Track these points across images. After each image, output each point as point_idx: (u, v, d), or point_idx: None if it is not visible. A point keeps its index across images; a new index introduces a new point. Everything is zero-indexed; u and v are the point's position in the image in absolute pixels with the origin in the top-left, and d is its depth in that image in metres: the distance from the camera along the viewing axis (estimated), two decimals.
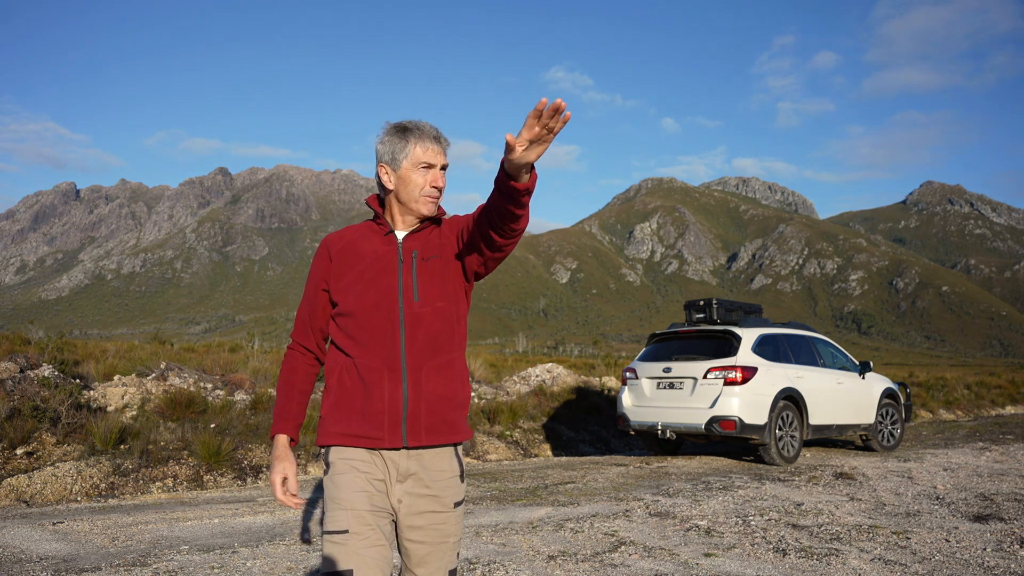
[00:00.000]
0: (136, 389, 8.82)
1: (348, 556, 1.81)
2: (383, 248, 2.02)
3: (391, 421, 1.91)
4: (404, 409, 1.91)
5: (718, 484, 6.91)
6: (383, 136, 2.04)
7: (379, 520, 1.88)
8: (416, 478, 1.94)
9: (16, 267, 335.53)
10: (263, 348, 17.81)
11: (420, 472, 1.94)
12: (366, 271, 1.99)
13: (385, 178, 2.03)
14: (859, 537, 4.81)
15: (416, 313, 1.96)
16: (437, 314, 1.99)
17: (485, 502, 6.02)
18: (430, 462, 1.96)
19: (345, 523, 1.84)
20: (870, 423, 9.63)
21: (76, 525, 5.09)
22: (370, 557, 1.82)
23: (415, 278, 1.99)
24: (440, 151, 2.02)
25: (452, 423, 1.98)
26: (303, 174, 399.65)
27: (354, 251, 2.03)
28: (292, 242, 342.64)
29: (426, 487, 1.94)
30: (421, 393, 1.93)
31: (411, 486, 1.94)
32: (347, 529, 1.84)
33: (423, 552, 1.94)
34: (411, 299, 1.96)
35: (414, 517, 1.93)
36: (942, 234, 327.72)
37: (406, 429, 1.91)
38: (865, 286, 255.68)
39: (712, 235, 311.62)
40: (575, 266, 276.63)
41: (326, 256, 2.06)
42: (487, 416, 10.40)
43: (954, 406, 19.02)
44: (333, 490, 1.91)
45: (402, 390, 1.92)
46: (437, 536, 1.94)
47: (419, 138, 2.00)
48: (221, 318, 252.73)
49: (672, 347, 9.13)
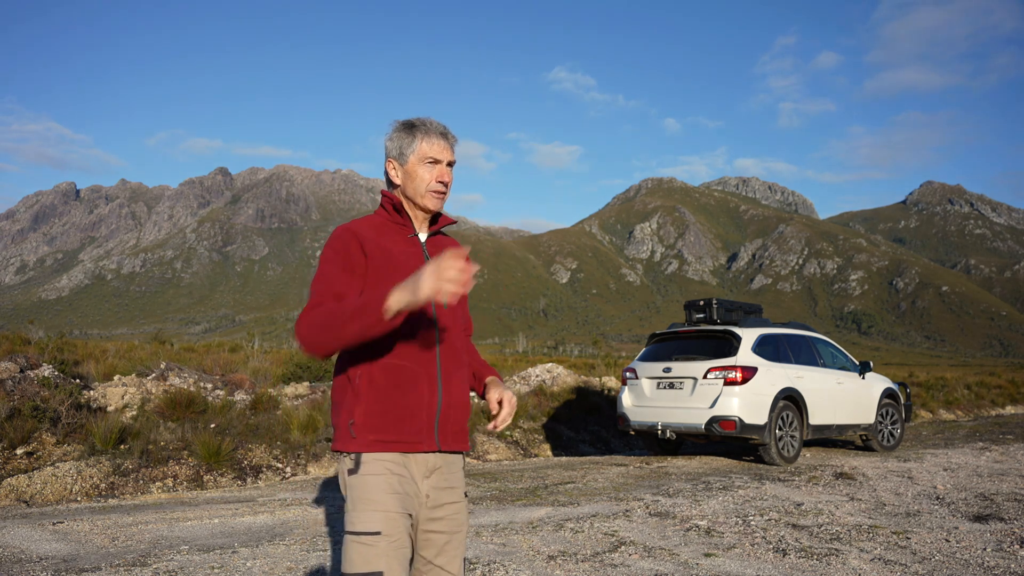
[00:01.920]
0: (136, 389, 8.82)
1: (379, 558, 1.82)
2: (411, 250, 2.03)
3: (427, 426, 1.96)
4: (438, 414, 1.98)
5: (718, 484, 6.91)
6: (391, 132, 2.07)
7: (406, 523, 1.91)
8: (440, 472, 2.02)
9: (16, 267, 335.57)
10: (263, 348, 17.81)
11: (444, 466, 2.03)
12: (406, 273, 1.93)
13: (393, 173, 2.06)
14: (859, 537, 4.81)
15: (446, 320, 2.03)
16: (457, 325, 2.07)
17: (485, 502, 6.01)
18: (450, 456, 2.06)
19: (378, 525, 1.85)
20: (870, 423, 9.63)
21: (76, 525, 5.09)
22: (398, 560, 1.85)
23: None
24: (447, 147, 2.04)
25: (466, 432, 2.09)
26: (303, 174, 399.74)
27: (388, 251, 2.01)
28: (292, 242, 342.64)
29: (446, 479, 2.03)
30: (452, 400, 2.00)
31: (436, 480, 2.01)
32: (380, 531, 1.84)
33: (443, 541, 2.00)
34: (441, 307, 2.00)
35: (437, 509, 2.00)
36: (942, 234, 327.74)
37: (438, 434, 1.98)
38: (865, 286, 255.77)
39: (712, 235, 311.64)
40: (575, 266, 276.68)
41: (359, 250, 1.96)
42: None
43: (954, 406, 19.02)
44: (364, 491, 1.90)
45: (437, 395, 1.98)
46: (455, 525, 2.02)
47: (425, 133, 2.02)
48: (221, 318, 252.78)
49: (672, 347, 9.12)
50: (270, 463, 7.66)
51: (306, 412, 8.56)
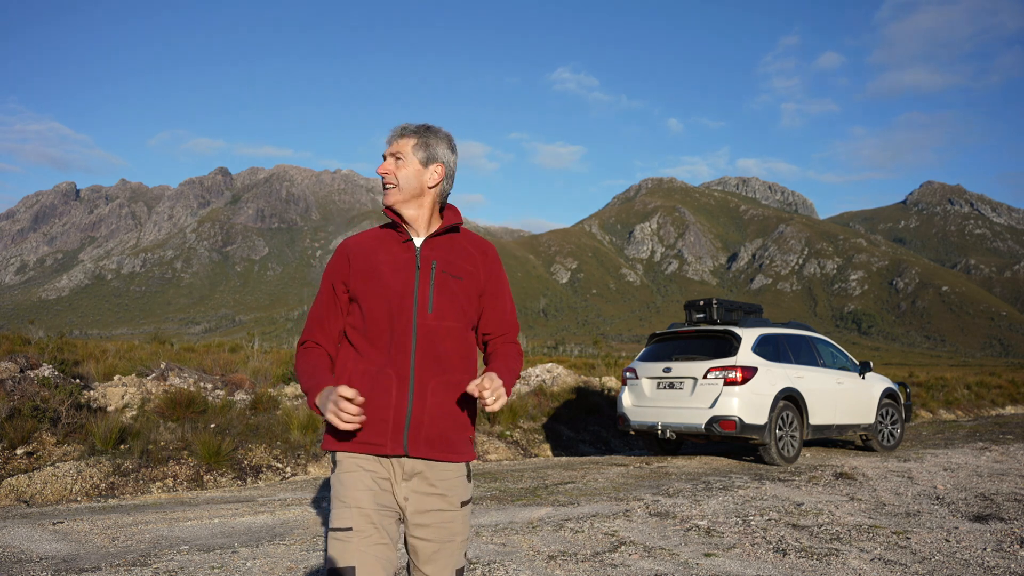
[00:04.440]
0: (136, 389, 8.82)
1: (350, 554, 1.83)
2: (402, 256, 2.03)
3: (394, 429, 1.93)
4: (408, 419, 1.93)
5: (718, 484, 6.91)
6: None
7: (384, 519, 1.90)
8: (422, 476, 1.97)
9: (16, 267, 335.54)
10: (263, 348, 17.81)
11: (426, 471, 1.97)
12: (384, 279, 1.99)
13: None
14: (859, 537, 4.81)
15: (429, 326, 1.97)
16: (449, 332, 2.00)
17: (485, 502, 6.02)
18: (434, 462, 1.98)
19: (349, 521, 1.86)
20: (870, 423, 9.63)
21: (76, 525, 5.09)
22: (372, 555, 1.84)
23: (432, 290, 1.99)
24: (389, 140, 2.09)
25: (452, 442, 1.99)
26: (303, 174, 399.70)
27: (373, 257, 2.03)
28: (292, 242, 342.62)
29: (432, 486, 1.97)
30: (425, 406, 1.95)
31: (417, 484, 1.96)
32: (351, 527, 1.86)
33: (430, 550, 1.96)
34: (425, 311, 1.97)
35: (421, 515, 1.96)
36: (942, 234, 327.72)
37: (407, 438, 1.94)
38: (865, 286, 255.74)
39: (712, 235, 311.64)
40: (575, 266, 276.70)
41: (344, 259, 2.05)
42: (487, 416, 10.40)
43: (954, 406, 19.02)
44: (339, 488, 1.93)
45: (408, 400, 1.94)
46: (444, 534, 1.96)
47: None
48: (221, 318, 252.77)
49: (672, 347, 9.12)
50: (270, 463, 7.67)
51: (306, 412, 8.57)
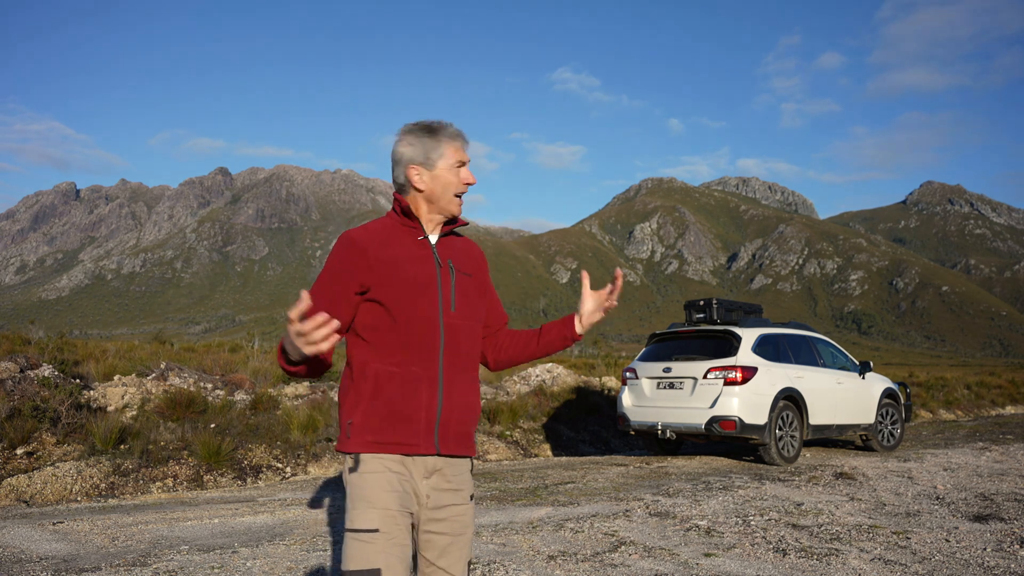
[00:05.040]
0: (136, 389, 8.82)
1: (377, 555, 1.84)
2: (420, 253, 2.03)
3: (426, 428, 1.96)
4: (438, 418, 1.97)
5: (718, 484, 6.91)
6: (409, 137, 2.05)
7: (405, 521, 1.92)
8: (440, 473, 2.01)
9: (16, 267, 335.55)
10: (263, 348, 17.80)
11: (445, 467, 2.02)
12: (411, 279, 1.98)
13: (417, 178, 2.04)
14: (859, 537, 4.81)
15: (454, 325, 2.01)
16: (471, 330, 2.06)
17: (485, 502, 6.02)
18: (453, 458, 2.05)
19: (376, 522, 1.87)
20: (870, 423, 9.63)
21: (76, 525, 5.09)
22: (397, 557, 1.85)
23: (453, 289, 2.03)
24: (466, 147, 2.10)
25: (471, 437, 2.08)
26: (303, 174, 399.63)
27: (393, 256, 2.00)
28: (292, 242, 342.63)
29: (448, 481, 2.01)
30: (453, 404, 2.00)
31: (436, 481, 2.00)
32: (377, 528, 1.86)
33: (445, 543, 1.99)
34: (449, 309, 2.01)
35: (437, 511, 1.99)
36: (942, 234, 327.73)
37: (438, 437, 1.98)
38: (865, 286, 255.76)
39: (712, 235, 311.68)
40: (575, 266, 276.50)
41: (362, 258, 1.97)
42: (487, 416, 10.40)
43: (954, 406, 19.02)
44: (362, 488, 1.92)
45: (438, 399, 1.97)
46: (458, 527, 2.01)
47: (450, 137, 2.06)
48: (221, 318, 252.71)
49: (672, 347, 9.12)
50: (270, 463, 7.67)
51: (306, 412, 8.57)
